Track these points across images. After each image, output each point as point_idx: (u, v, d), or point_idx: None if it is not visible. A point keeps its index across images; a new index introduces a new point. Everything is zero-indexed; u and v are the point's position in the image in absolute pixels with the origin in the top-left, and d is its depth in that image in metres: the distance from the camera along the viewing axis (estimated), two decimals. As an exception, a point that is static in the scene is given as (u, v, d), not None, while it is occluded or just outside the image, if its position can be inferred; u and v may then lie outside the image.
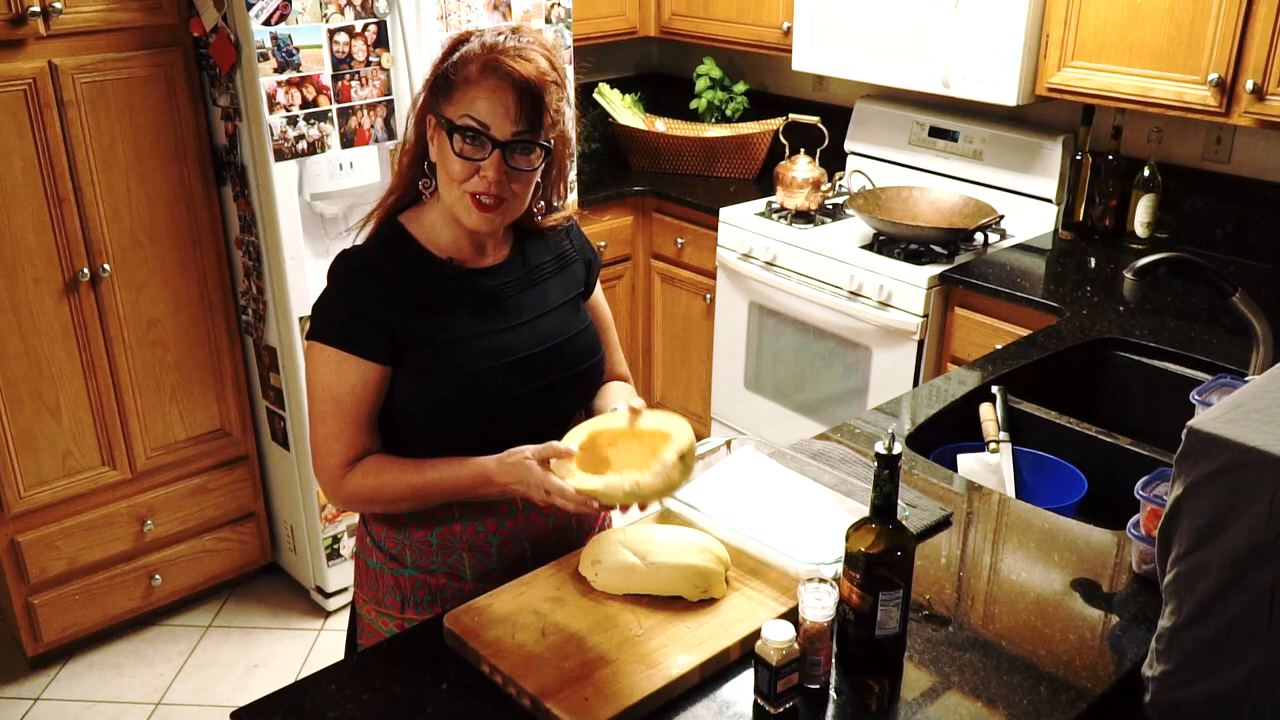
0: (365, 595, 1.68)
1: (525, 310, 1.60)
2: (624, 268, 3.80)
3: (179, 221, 2.87)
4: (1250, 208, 2.91)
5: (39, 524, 2.84)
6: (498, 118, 1.45)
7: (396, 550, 1.62)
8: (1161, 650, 1.31)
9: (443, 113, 1.47)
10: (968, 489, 1.87)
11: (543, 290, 1.63)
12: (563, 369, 1.61)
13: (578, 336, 1.65)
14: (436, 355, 1.51)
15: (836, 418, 3.19)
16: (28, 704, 2.87)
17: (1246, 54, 2.48)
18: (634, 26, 3.86)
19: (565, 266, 1.68)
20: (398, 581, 1.62)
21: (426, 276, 1.53)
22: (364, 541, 1.68)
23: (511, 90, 1.45)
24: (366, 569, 1.67)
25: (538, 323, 1.60)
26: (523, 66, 1.45)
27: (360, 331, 1.49)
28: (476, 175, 1.47)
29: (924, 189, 3.30)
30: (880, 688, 1.38)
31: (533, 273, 1.63)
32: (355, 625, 1.76)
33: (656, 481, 1.39)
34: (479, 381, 1.53)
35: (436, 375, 1.51)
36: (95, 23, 2.62)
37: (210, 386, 3.04)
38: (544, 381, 1.59)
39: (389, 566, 1.63)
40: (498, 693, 1.36)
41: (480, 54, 1.46)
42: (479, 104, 1.45)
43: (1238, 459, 1.17)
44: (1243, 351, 2.14)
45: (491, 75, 1.45)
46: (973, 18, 2.92)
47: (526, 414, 1.58)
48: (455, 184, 1.48)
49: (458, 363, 1.52)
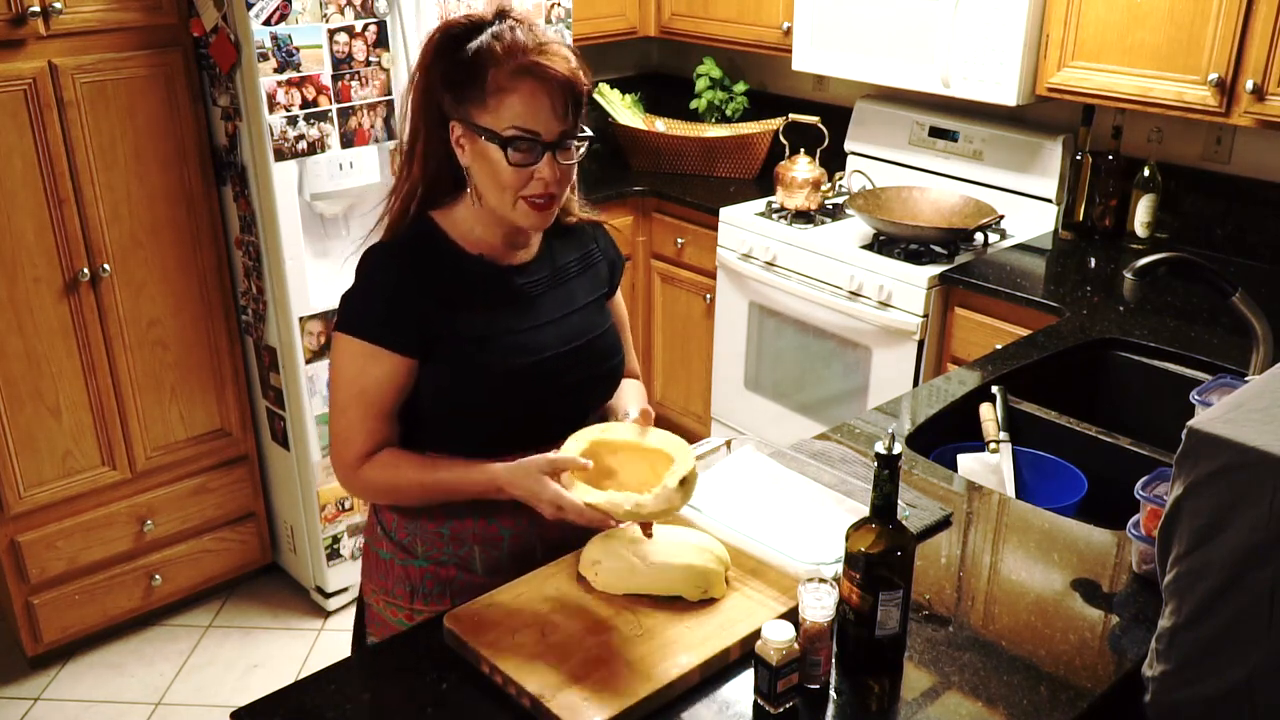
0: (374, 586, 1.69)
1: (553, 309, 1.60)
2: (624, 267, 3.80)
3: (179, 221, 2.87)
4: (1250, 208, 2.91)
5: (39, 524, 2.84)
6: (544, 121, 1.44)
7: (408, 541, 1.62)
8: (1161, 650, 1.31)
9: (476, 121, 1.45)
10: (968, 489, 1.87)
11: (570, 289, 1.64)
12: (587, 368, 1.62)
13: (602, 336, 1.66)
14: (466, 352, 1.52)
15: (836, 418, 3.19)
16: (28, 704, 2.87)
17: (1246, 54, 2.48)
18: (634, 26, 3.86)
19: (590, 266, 1.69)
20: (407, 572, 1.63)
21: (458, 273, 1.54)
22: (374, 531, 1.68)
23: (553, 92, 1.44)
24: (377, 559, 1.68)
25: (565, 322, 1.61)
26: (558, 64, 1.44)
27: (391, 325, 1.49)
28: (533, 180, 1.47)
29: (924, 189, 3.30)
30: (880, 688, 1.38)
31: (560, 271, 1.64)
32: (363, 615, 1.76)
33: (657, 505, 1.41)
34: (507, 379, 1.54)
35: (465, 372, 1.52)
36: (95, 23, 2.62)
37: (210, 386, 3.04)
38: (569, 380, 1.60)
39: (399, 557, 1.63)
40: (498, 693, 1.36)
41: (505, 57, 1.43)
42: (522, 111, 1.43)
43: (1238, 459, 1.17)
44: (1243, 351, 2.14)
45: (528, 78, 1.43)
46: (973, 18, 2.91)
47: (549, 412, 1.59)
48: (509, 191, 1.47)
49: (487, 360, 1.53)
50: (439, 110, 1.49)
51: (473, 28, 1.48)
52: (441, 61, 1.48)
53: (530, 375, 1.55)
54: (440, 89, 1.48)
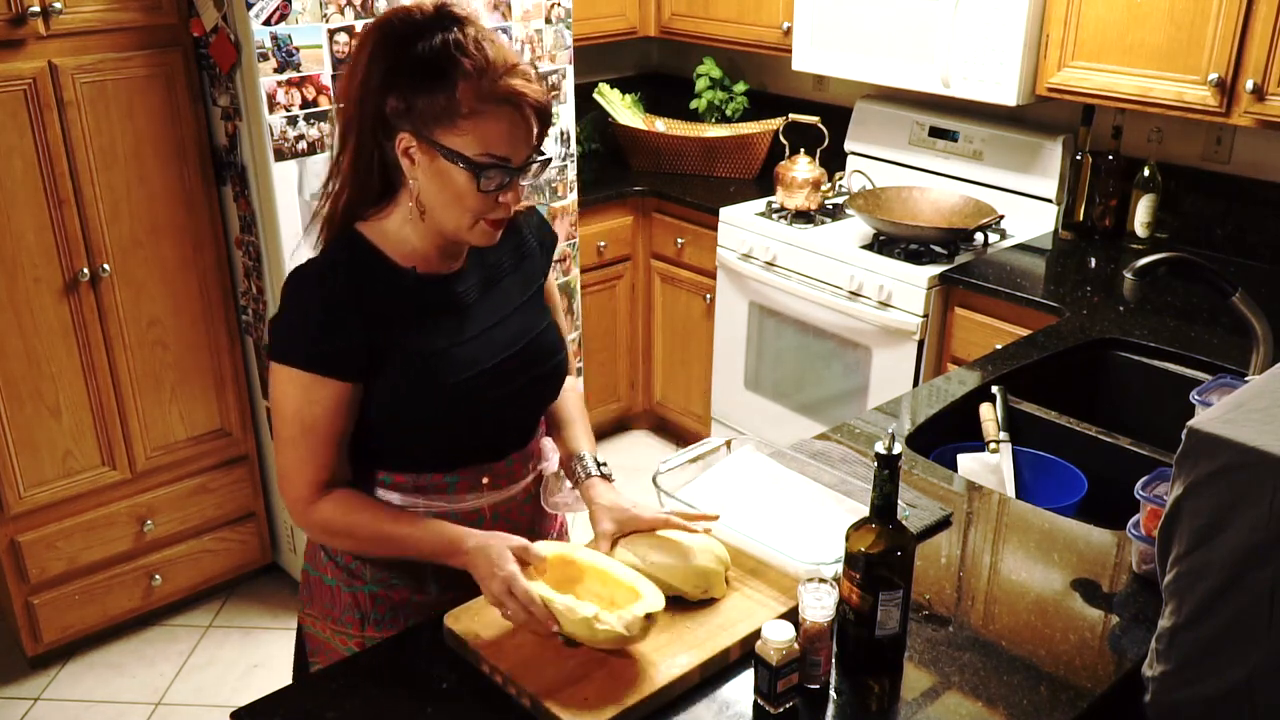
0: (318, 613, 1.62)
1: (491, 314, 1.54)
2: (624, 268, 3.80)
3: (179, 221, 2.87)
4: (1250, 208, 2.91)
5: (39, 524, 2.83)
6: (518, 147, 1.38)
7: (354, 566, 1.56)
8: (1161, 650, 1.31)
9: (440, 141, 1.36)
10: (968, 489, 1.87)
11: (504, 289, 1.57)
12: (531, 370, 1.56)
13: (543, 335, 1.59)
14: (413, 370, 1.45)
15: (836, 418, 3.19)
16: (28, 704, 2.87)
17: (1246, 54, 2.48)
18: (634, 26, 3.86)
19: (524, 258, 1.61)
20: (355, 599, 1.56)
21: (394, 288, 1.45)
22: (316, 558, 1.61)
23: (529, 119, 1.38)
24: (321, 585, 1.60)
25: (504, 326, 1.54)
26: (535, 90, 1.37)
27: (332, 350, 1.41)
28: (498, 204, 1.40)
29: (924, 189, 3.30)
30: (880, 688, 1.38)
31: (492, 271, 1.57)
32: (303, 645, 1.69)
33: (616, 627, 1.31)
34: (456, 393, 1.47)
35: (414, 390, 1.45)
36: (95, 23, 2.62)
37: (210, 386, 3.04)
38: (514, 386, 1.54)
39: (346, 583, 1.57)
40: (498, 693, 1.36)
41: (476, 77, 1.34)
42: (498, 139, 1.36)
43: (1238, 459, 1.17)
44: (1243, 351, 2.14)
45: (506, 106, 1.35)
46: (973, 18, 2.91)
47: (497, 421, 1.55)
48: (469, 214, 1.40)
49: (436, 376, 1.46)
50: (379, 112, 1.38)
51: (420, 27, 1.38)
52: (385, 60, 1.38)
53: (475, 386, 1.49)
54: (385, 92, 1.37)
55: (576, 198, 3.38)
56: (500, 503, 1.59)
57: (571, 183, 3.32)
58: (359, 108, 1.40)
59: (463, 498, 1.55)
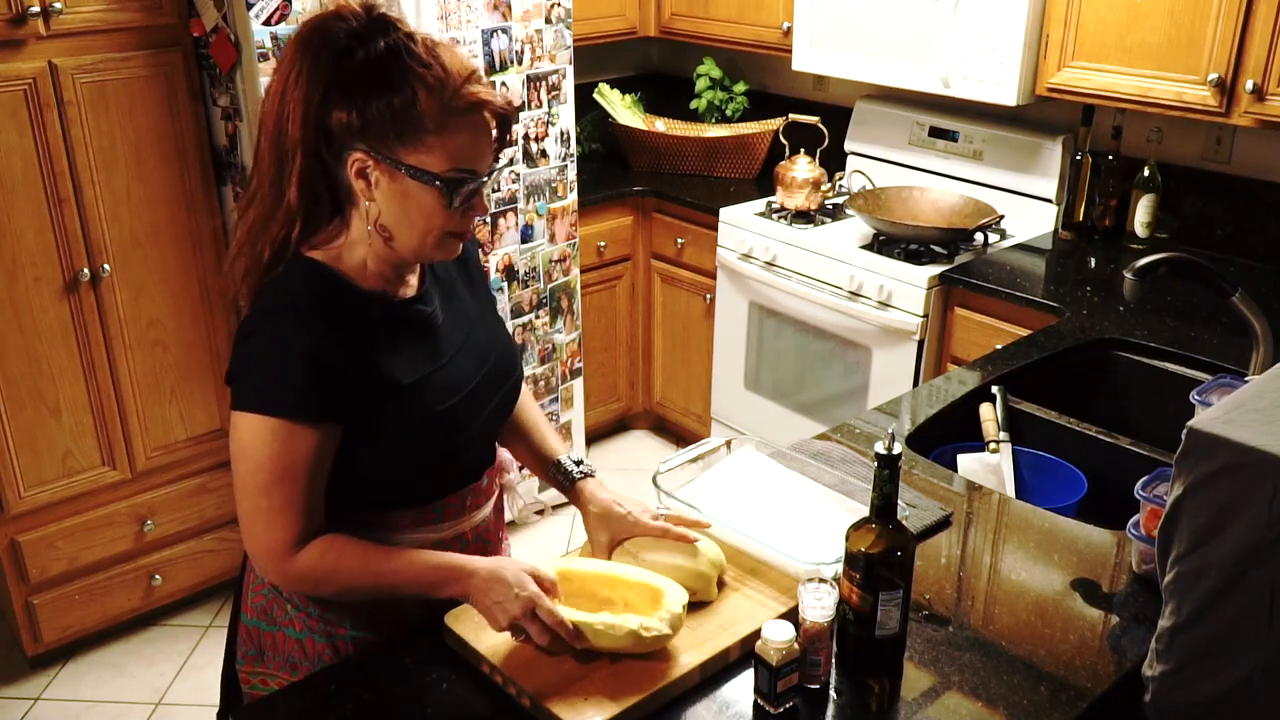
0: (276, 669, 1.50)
1: (458, 332, 1.47)
2: (624, 268, 3.80)
3: (179, 221, 2.87)
4: (1250, 208, 2.91)
5: (39, 524, 2.83)
6: (484, 156, 1.32)
7: (330, 615, 1.45)
8: (1161, 650, 1.31)
9: (401, 159, 1.27)
10: (968, 489, 1.87)
11: (461, 301, 1.51)
12: (503, 382, 1.52)
13: (505, 343, 1.56)
14: (398, 401, 1.36)
15: (836, 418, 3.19)
16: (28, 704, 2.87)
17: (1246, 54, 2.48)
18: (634, 26, 3.86)
19: (464, 263, 1.54)
20: (335, 647, 1.46)
21: (363, 317, 1.35)
22: (277, 612, 1.47)
23: (493, 127, 1.32)
24: (284, 640, 1.48)
25: (473, 342, 1.48)
26: (495, 96, 1.31)
27: (313, 394, 1.29)
28: (463, 216, 1.34)
29: (924, 189, 3.30)
30: (880, 688, 1.38)
31: (447, 287, 1.49)
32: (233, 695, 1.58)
33: (664, 630, 1.32)
34: (446, 420, 1.40)
35: (401, 421, 1.36)
36: (95, 23, 2.62)
37: (210, 386, 3.04)
38: (492, 401, 1.49)
39: (322, 633, 1.46)
40: (498, 693, 1.36)
41: (438, 88, 1.26)
42: (467, 152, 1.29)
43: (1238, 459, 1.17)
44: (1243, 351, 2.14)
45: (474, 116, 1.29)
46: (973, 18, 2.92)
47: (480, 440, 1.50)
48: (435, 231, 1.32)
49: (422, 405, 1.38)
50: (323, 130, 1.28)
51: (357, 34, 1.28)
52: (324, 71, 1.26)
53: (464, 408, 1.43)
54: (328, 107, 1.27)
55: (576, 198, 3.37)
56: (479, 523, 1.55)
57: (571, 183, 3.32)
58: (300, 129, 1.27)
59: (449, 524, 1.49)
